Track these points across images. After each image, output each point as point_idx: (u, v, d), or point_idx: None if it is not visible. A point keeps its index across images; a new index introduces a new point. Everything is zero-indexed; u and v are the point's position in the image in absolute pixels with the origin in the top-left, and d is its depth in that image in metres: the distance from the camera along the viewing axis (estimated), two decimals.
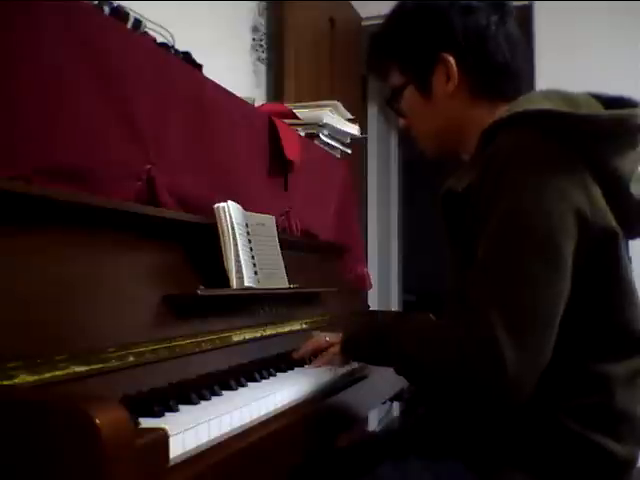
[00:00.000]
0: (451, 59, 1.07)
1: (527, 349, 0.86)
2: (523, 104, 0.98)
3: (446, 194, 1.05)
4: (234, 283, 1.25)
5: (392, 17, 1.17)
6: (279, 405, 1.02)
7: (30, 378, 0.78)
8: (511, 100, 1.04)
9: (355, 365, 1.31)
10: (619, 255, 0.95)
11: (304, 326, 1.56)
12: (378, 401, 1.65)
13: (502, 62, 1.07)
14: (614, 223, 0.94)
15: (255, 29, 2.64)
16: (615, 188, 0.96)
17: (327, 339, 1.24)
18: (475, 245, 0.94)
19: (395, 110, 1.19)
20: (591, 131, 0.94)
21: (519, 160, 0.92)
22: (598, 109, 0.99)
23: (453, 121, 1.11)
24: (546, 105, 0.97)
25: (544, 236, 0.89)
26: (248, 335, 1.30)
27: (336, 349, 1.19)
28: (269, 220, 1.47)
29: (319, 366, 1.24)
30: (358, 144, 2.84)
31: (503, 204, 0.91)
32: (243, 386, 1.06)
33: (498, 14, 1.08)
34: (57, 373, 0.82)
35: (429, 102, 1.12)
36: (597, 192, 0.94)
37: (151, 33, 1.35)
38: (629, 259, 1.00)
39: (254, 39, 2.63)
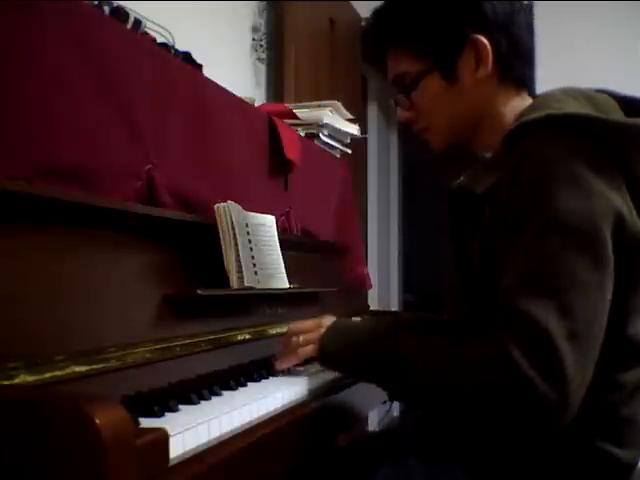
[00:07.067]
0: (485, 41, 0.98)
1: (588, 360, 0.82)
2: (551, 104, 0.94)
3: (457, 191, 1.01)
4: (234, 283, 1.25)
5: None
6: (279, 405, 1.02)
7: (30, 378, 0.77)
8: (528, 89, 1.02)
9: None
10: None
11: None
12: (378, 401, 1.64)
13: (527, 49, 1.02)
14: None
15: (255, 29, 2.64)
16: None
17: (301, 339, 1.12)
18: (491, 248, 0.92)
19: (396, 101, 1.10)
20: (629, 138, 0.90)
21: (556, 166, 0.87)
22: (618, 111, 0.97)
23: (475, 110, 1.04)
24: (575, 106, 0.93)
25: (589, 234, 0.84)
26: (248, 335, 1.30)
27: (311, 349, 1.09)
28: (269, 220, 1.47)
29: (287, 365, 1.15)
30: (358, 144, 2.84)
31: (542, 213, 0.85)
32: (243, 386, 1.06)
33: (518, 1, 1.02)
34: (57, 373, 0.81)
35: (450, 90, 1.03)
36: (629, 200, 0.90)
37: (151, 33, 1.35)
38: None
39: (254, 39, 2.63)
